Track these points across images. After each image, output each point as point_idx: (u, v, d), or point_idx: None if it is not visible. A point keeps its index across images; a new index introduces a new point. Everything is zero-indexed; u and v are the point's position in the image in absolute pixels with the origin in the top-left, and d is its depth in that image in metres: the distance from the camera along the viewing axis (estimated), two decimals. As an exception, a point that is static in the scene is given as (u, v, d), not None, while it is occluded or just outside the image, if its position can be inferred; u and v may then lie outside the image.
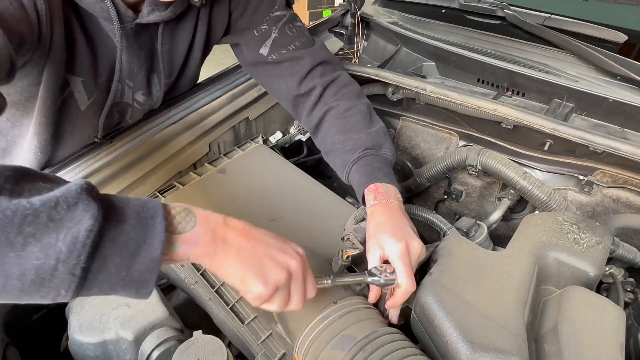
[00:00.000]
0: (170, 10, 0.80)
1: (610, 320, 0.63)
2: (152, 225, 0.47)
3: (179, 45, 0.90)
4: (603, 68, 1.03)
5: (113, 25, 0.75)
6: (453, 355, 0.61)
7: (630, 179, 1.04)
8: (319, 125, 0.92)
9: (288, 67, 0.93)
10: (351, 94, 0.93)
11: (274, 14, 0.91)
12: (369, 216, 0.76)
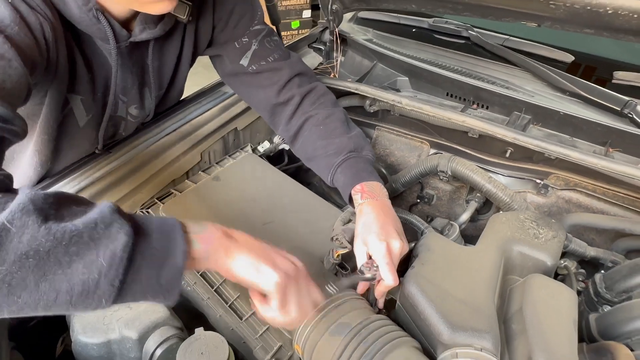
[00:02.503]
0: (160, 27, 0.85)
1: (565, 301, 0.73)
2: (173, 238, 0.53)
3: (167, 60, 0.94)
4: (554, 84, 1.17)
5: (109, 44, 0.79)
6: (435, 336, 0.69)
7: (580, 182, 1.17)
8: (298, 133, 0.97)
9: (267, 77, 0.98)
10: (328, 102, 0.99)
11: (254, 27, 0.96)
12: (358, 215, 0.82)
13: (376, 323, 0.69)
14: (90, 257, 0.46)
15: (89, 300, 0.47)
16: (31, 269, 0.43)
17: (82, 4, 0.71)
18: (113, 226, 0.48)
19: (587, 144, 1.09)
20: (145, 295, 0.52)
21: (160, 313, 0.84)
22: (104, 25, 0.75)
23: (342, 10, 1.30)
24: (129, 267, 0.48)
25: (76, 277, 0.45)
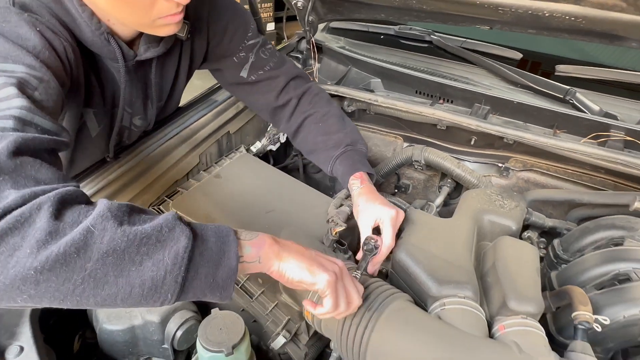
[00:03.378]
0: (162, 46, 0.91)
1: (529, 255, 0.87)
2: (227, 241, 0.59)
3: (167, 74, 1.01)
4: (507, 79, 1.33)
5: (118, 63, 0.86)
6: (425, 292, 0.81)
7: (535, 163, 1.33)
8: (298, 130, 1.09)
9: (266, 85, 1.08)
10: (323, 101, 1.11)
11: (249, 42, 1.06)
12: (357, 196, 0.95)
13: (375, 284, 0.80)
14: (157, 257, 0.52)
15: (157, 294, 0.53)
16: (111, 266, 0.50)
17: (95, 29, 0.78)
18: (175, 230, 0.55)
19: (538, 127, 1.25)
20: (204, 292, 0.58)
21: (177, 298, 0.93)
22: (114, 46, 0.82)
23: (317, 21, 1.42)
24: (189, 265, 0.54)
25: (147, 273, 0.52)
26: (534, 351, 0.70)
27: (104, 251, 0.50)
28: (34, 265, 0.46)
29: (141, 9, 0.72)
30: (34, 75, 0.62)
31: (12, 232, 0.46)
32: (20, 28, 0.65)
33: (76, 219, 0.51)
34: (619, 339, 0.88)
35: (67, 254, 0.47)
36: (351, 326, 0.75)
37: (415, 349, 0.69)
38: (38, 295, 0.48)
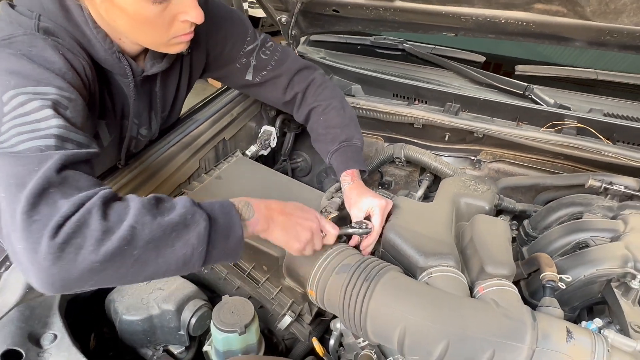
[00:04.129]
0: (166, 61, 0.99)
1: (501, 228, 0.98)
2: (231, 217, 0.72)
3: (170, 87, 1.09)
4: (473, 79, 1.47)
5: (127, 79, 0.93)
6: (414, 265, 0.92)
7: (503, 154, 1.47)
8: (307, 119, 1.21)
9: (271, 84, 1.18)
10: (326, 91, 1.20)
11: (248, 47, 1.13)
12: (349, 190, 1.06)
13: (369, 260, 0.90)
14: (185, 238, 0.64)
15: (187, 266, 0.66)
16: (152, 251, 0.61)
17: (107, 48, 0.85)
18: (195, 215, 0.66)
19: (503, 120, 1.39)
20: (220, 259, 0.72)
21: (190, 288, 1.00)
22: (124, 64, 0.90)
23: (300, 35, 1.54)
24: (209, 241, 0.67)
25: (179, 252, 0.64)
26: (509, 305, 0.81)
27: (146, 240, 0.61)
28: (97, 259, 0.57)
29: (160, 29, 0.80)
30: (64, 95, 0.70)
31: (75, 235, 0.56)
32: (46, 52, 0.73)
33: (119, 217, 0.61)
34: (582, 297, 1.01)
35: (120, 247, 0.58)
36: (351, 296, 0.84)
37: (409, 310, 0.79)
38: (101, 280, 0.59)
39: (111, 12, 0.77)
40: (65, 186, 0.61)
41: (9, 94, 0.66)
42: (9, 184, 0.59)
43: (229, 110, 1.37)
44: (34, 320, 0.80)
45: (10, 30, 0.74)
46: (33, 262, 0.55)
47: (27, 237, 0.55)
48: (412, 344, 0.78)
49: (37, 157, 0.61)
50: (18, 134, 0.63)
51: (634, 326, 0.87)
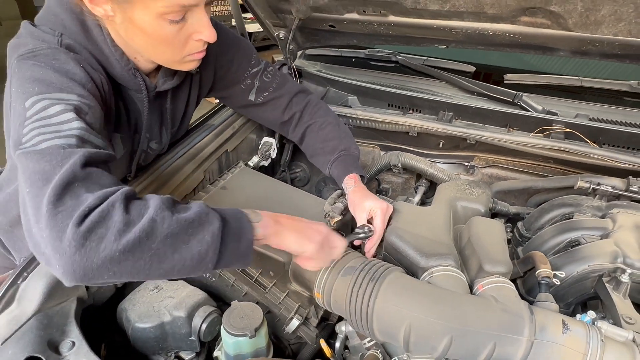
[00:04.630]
0: (176, 78, 1.04)
1: (497, 228, 1.03)
2: (242, 221, 0.73)
3: (179, 103, 1.13)
4: (464, 88, 1.53)
5: (141, 94, 0.98)
6: (415, 265, 0.96)
7: (496, 159, 1.53)
8: (302, 138, 1.25)
9: (271, 105, 1.23)
10: (321, 111, 1.26)
11: (252, 70, 1.20)
12: (352, 193, 1.10)
13: (373, 262, 0.94)
14: (200, 236, 0.66)
15: (202, 265, 0.67)
16: (169, 246, 0.63)
17: (124, 65, 0.90)
18: (209, 215, 0.68)
19: (494, 127, 1.45)
20: (232, 261, 0.72)
21: (200, 295, 1.03)
22: (139, 80, 0.94)
23: (297, 49, 1.60)
24: (221, 241, 0.68)
25: (194, 249, 0.65)
26: (508, 300, 0.85)
27: (164, 235, 0.63)
28: (118, 248, 0.59)
29: (176, 47, 0.85)
30: (84, 102, 0.74)
31: (98, 225, 0.59)
32: (68, 65, 0.77)
33: (140, 211, 0.63)
34: (576, 293, 1.05)
35: (140, 238, 0.61)
36: (357, 297, 0.88)
37: (413, 307, 0.83)
38: (120, 271, 0.61)
39: (130, 31, 0.82)
40: (88, 181, 0.64)
41: (32, 100, 0.69)
42: (34, 180, 0.62)
43: (231, 123, 1.42)
44: (52, 328, 0.82)
45: (34, 45, 0.78)
46: (57, 250, 0.58)
47: (53, 225, 0.58)
48: (417, 340, 0.82)
49: (61, 154, 0.64)
50: (40, 135, 0.66)
51: (626, 318, 0.91)
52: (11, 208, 1.04)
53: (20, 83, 0.73)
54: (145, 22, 0.79)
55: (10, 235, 1.10)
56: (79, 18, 0.83)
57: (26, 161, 0.64)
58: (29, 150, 0.65)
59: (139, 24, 0.79)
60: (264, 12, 1.42)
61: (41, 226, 0.59)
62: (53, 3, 0.84)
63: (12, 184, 1.03)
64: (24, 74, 0.73)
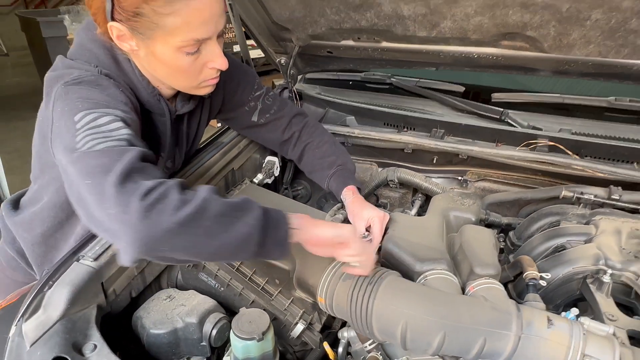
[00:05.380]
0: (192, 103, 1.14)
1: (486, 235, 1.10)
2: (279, 212, 0.81)
3: (193, 125, 1.23)
4: (455, 107, 1.63)
5: (164, 117, 1.07)
6: (411, 269, 1.03)
7: (487, 173, 1.61)
8: (301, 156, 1.34)
9: (273, 125, 1.33)
10: (318, 131, 1.36)
11: (255, 93, 1.30)
12: (351, 204, 1.18)
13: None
14: (245, 219, 0.74)
15: (246, 247, 0.74)
16: (219, 224, 0.71)
17: (150, 92, 1.00)
18: (252, 203, 0.77)
19: (483, 142, 1.54)
20: (272, 248, 0.78)
21: (210, 303, 1.09)
22: (163, 105, 1.04)
23: (297, 74, 1.71)
24: (263, 226, 0.75)
25: (241, 230, 0.73)
26: (497, 299, 0.92)
27: (215, 213, 0.71)
28: (175, 220, 0.67)
29: (192, 75, 0.95)
30: (127, 117, 0.84)
31: (158, 201, 0.68)
32: (110, 88, 0.88)
33: (193, 195, 0.73)
34: (563, 295, 1.12)
35: (194, 214, 0.69)
36: (357, 299, 0.94)
37: (409, 307, 0.89)
38: (176, 245, 0.69)
39: (153, 63, 0.92)
40: (145, 172, 0.72)
41: (81, 114, 0.78)
42: (95, 172, 0.70)
43: (236, 144, 1.51)
44: (75, 332, 0.89)
45: (78, 73, 0.88)
46: (124, 221, 0.66)
47: (119, 202, 0.67)
48: (413, 337, 0.88)
49: (117, 151, 0.73)
50: (94, 139, 0.75)
51: (608, 315, 0.98)
52: (36, 226, 1.12)
53: (67, 103, 0.82)
54: (165, 55, 0.89)
55: (32, 251, 1.17)
56: (111, 52, 0.94)
57: (85, 159, 0.73)
58: (85, 151, 0.74)
59: (160, 56, 0.89)
60: (267, 40, 1.53)
61: (106, 205, 0.67)
62: (85, 40, 0.94)
63: (38, 203, 1.11)
64: (71, 97, 0.82)
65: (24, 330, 0.86)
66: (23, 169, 1.25)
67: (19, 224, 1.15)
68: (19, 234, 1.16)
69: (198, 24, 0.88)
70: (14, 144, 4.52)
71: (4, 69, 7.83)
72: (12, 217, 1.17)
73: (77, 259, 0.98)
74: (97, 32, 0.93)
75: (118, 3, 0.84)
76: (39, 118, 0.99)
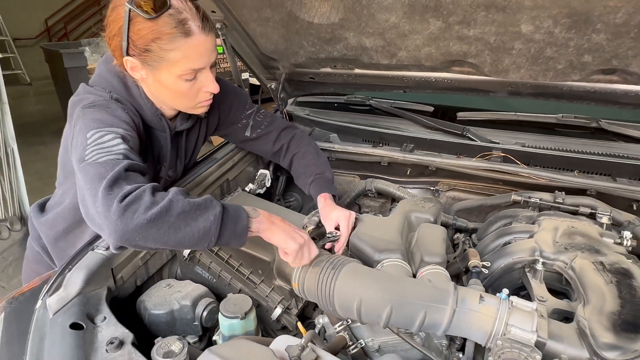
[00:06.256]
0: (190, 121, 1.33)
1: (437, 231, 1.27)
2: (239, 211, 0.98)
3: (191, 140, 1.42)
4: (424, 125, 1.83)
5: (165, 133, 1.26)
6: (371, 258, 1.20)
7: (456, 183, 1.78)
8: (291, 164, 1.53)
9: (264, 139, 1.52)
10: (304, 141, 1.55)
11: (247, 111, 1.49)
12: (322, 208, 1.35)
13: (336, 256, 1.18)
14: (205, 216, 0.91)
15: (206, 238, 0.91)
16: (182, 220, 0.88)
17: (153, 112, 1.20)
18: (213, 202, 0.94)
19: (448, 155, 1.73)
20: (230, 239, 0.95)
21: (202, 289, 1.27)
22: (164, 122, 1.24)
23: (287, 97, 1.93)
24: (222, 221, 0.92)
25: (201, 225, 0.90)
26: (439, 281, 1.09)
27: (179, 211, 0.89)
28: (145, 218, 0.85)
29: (190, 98, 1.16)
30: (128, 134, 1.04)
31: (133, 202, 0.86)
32: (117, 111, 1.08)
33: (162, 196, 0.91)
34: (508, 284, 1.28)
35: (160, 212, 0.87)
36: (323, 282, 1.12)
37: (363, 285, 1.06)
38: (147, 236, 0.87)
39: (159, 88, 1.14)
40: (128, 179, 0.91)
41: (92, 132, 0.99)
42: (93, 179, 0.90)
43: (231, 157, 1.71)
44: (89, 306, 1.07)
45: (94, 99, 1.09)
46: (107, 217, 0.85)
47: (104, 203, 0.85)
48: (366, 311, 1.04)
49: (111, 163, 0.92)
50: (98, 153, 0.94)
51: (539, 297, 1.14)
52: (58, 223, 1.32)
53: (84, 122, 1.03)
54: (168, 82, 1.10)
55: (55, 247, 1.37)
56: (123, 80, 1.16)
57: (89, 169, 0.93)
58: (90, 162, 0.94)
59: (164, 83, 1.11)
60: (258, 69, 1.76)
61: (97, 205, 0.86)
62: (104, 71, 1.17)
63: (61, 205, 1.31)
64: (86, 117, 1.03)
65: (48, 304, 1.05)
66: (43, 190, 1.49)
67: (44, 223, 1.36)
68: (43, 231, 1.37)
69: (195, 57, 1.10)
70: (35, 166, 4.80)
71: (27, 98, 8.29)
72: (38, 218, 1.37)
73: (91, 249, 1.18)
74: (114, 64, 1.16)
75: (132, 42, 1.06)
76: (64, 134, 1.21)
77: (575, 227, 1.30)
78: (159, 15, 1.03)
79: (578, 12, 0.96)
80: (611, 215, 1.33)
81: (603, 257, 1.16)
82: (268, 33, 1.53)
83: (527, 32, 1.08)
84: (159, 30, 1.04)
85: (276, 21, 1.43)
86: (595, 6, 0.93)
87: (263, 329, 1.34)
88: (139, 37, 1.05)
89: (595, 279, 1.08)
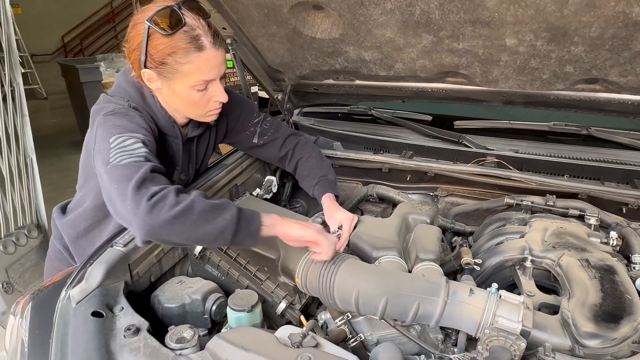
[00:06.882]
0: (201, 128, 1.43)
1: (432, 231, 1.34)
2: (253, 212, 1.07)
3: (202, 146, 1.52)
4: (423, 133, 1.92)
5: (177, 139, 1.36)
6: (369, 256, 1.27)
7: (454, 189, 1.86)
8: (295, 168, 1.62)
9: (270, 145, 1.61)
10: (308, 147, 1.63)
11: (255, 120, 1.59)
12: (327, 208, 1.43)
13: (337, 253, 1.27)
14: (223, 215, 1.00)
15: (223, 235, 1.00)
16: (202, 219, 0.98)
17: (167, 120, 1.30)
18: (230, 204, 1.03)
19: (444, 161, 1.81)
20: (244, 238, 1.04)
21: (212, 285, 1.35)
22: (176, 129, 1.34)
23: (293, 108, 2.03)
24: (237, 221, 1.01)
25: (219, 223, 1.00)
26: (432, 275, 1.16)
27: (200, 211, 0.99)
28: (170, 214, 0.95)
29: (201, 106, 1.26)
30: (146, 139, 1.14)
31: (159, 201, 0.96)
32: (135, 118, 1.18)
33: (185, 197, 1.00)
34: (499, 281, 1.33)
35: (184, 210, 0.97)
36: (324, 277, 1.19)
37: (361, 279, 1.14)
38: (171, 232, 0.96)
39: (172, 97, 1.24)
40: (154, 181, 1.01)
41: (114, 137, 1.09)
42: (120, 180, 0.99)
43: (240, 163, 1.81)
44: (108, 297, 1.16)
45: (113, 107, 1.19)
46: (136, 214, 0.94)
47: (134, 201, 0.95)
48: (364, 303, 1.12)
49: (136, 165, 1.02)
50: (121, 156, 1.04)
51: (528, 292, 1.21)
52: (79, 223, 1.42)
53: (105, 128, 1.13)
54: (181, 92, 1.21)
55: (75, 245, 1.46)
56: (139, 90, 1.26)
57: (114, 170, 1.02)
58: (115, 165, 1.03)
59: (177, 92, 1.21)
60: (265, 81, 1.87)
61: (126, 203, 0.96)
62: (122, 82, 1.27)
63: (81, 207, 1.41)
64: (108, 124, 1.14)
65: (71, 295, 1.14)
66: (58, 199, 1.59)
67: (66, 224, 1.46)
68: (65, 231, 1.47)
69: (206, 69, 1.21)
70: (50, 177, 4.94)
71: (43, 111, 8.55)
72: (61, 219, 1.48)
73: (110, 245, 1.27)
74: (132, 75, 1.27)
75: (150, 55, 1.17)
76: (86, 140, 1.31)
77: (564, 227, 1.36)
78: (174, 32, 1.14)
79: (555, 27, 1.05)
80: (599, 217, 1.39)
81: (589, 254, 1.22)
82: (274, 47, 1.64)
83: (511, 45, 1.17)
84: (175, 45, 1.15)
85: (282, 36, 1.54)
86: (570, 21, 1.01)
87: (268, 325, 1.41)
88: (157, 51, 1.16)
89: (580, 274, 1.15)
